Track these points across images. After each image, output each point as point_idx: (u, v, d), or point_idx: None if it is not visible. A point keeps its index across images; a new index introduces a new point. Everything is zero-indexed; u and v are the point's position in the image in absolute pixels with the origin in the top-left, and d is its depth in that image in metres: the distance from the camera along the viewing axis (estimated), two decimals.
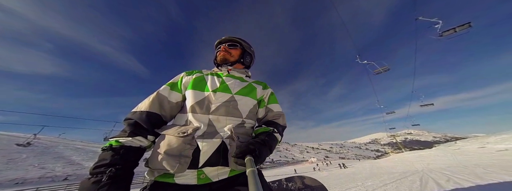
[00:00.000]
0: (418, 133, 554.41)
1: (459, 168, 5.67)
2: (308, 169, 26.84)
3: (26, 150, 32.29)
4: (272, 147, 0.64)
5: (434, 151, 18.27)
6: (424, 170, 7.82)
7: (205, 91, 0.73)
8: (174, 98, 0.75)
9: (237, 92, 0.76)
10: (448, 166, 8.31)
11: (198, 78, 0.79)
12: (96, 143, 54.12)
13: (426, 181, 3.19)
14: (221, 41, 0.94)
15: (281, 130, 0.77)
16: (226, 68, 0.89)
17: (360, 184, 3.98)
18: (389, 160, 20.03)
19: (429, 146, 63.40)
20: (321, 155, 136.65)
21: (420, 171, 6.81)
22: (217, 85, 0.76)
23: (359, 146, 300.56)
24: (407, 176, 4.75)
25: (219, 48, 0.92)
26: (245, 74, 0.94)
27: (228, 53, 0.89)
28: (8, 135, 42.95)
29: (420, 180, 3.57)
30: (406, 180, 3.84)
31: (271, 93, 0.91)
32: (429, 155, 16.06)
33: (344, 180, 6.77)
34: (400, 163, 15.16)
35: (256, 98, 0.81)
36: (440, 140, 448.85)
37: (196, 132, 0.62)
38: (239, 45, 0.94)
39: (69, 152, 39.05)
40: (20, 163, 27.57)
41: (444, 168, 7.02)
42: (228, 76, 0.83)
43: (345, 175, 11.20)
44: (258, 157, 0.52)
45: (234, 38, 0.94)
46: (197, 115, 0.68)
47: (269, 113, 0.83)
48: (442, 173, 4.61)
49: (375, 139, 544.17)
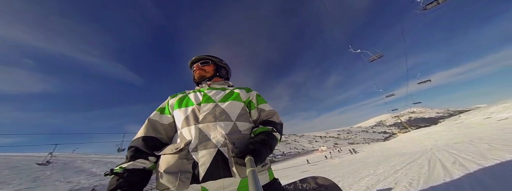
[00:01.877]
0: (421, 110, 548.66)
1: (464, 145, 5.86)
2: (320, 158, 27.40)
3: (47, 168, 33.77)
4: (272, 146, 0.63)
5: (439, 127, 18.43)
6: (433, 148, 8.07)
7: (190, 106, 0.76)
8: (166, 120, 0.78)
9: (220, 100, 0.79)
10: (455, 142, 8.50)
11: (182, 98, 0.83)
12: (110, 155, 56.15)
13: (434, 165, 3.30)
14: (193, 61, 1.01)
15: (279, 128, 0.77)
16: (205, 84, 0.94)
17: (372, 172, 4.13)
18: (398, 141, 20.34)
19: (434, 122, 63.38)
20: (330, 143, 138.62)
21: (429, 151, 7.04)
22: (200, 99, 0.79)
23: (366, 130, 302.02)
24: (416, 159, 4.85)
25: (194, 68, 1.00)
26: (226, 85, 0.99)
27: (203, 71, 0.96)
28: (24, 156, 44.97)
29: (428, 163, 3.70)
30: (415, 164, 3.95)
31: (257, 94, 0.92)
32: (436, 131, 16.27)
33: (356, 167, 7.02)
34: (409, 143, 15.45)
35: (242, 100, 0.82)
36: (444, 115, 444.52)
37: (189, 145, 0.62)
38: (210, 62, 1.00)
39: (88, 165, 40.79)
40: (46, 180, 29.12)
41: (451, 145, 7.23)
42: (209, 89, 0.87)
43: (357, 160, 11.55)
44: (258, 157, 0.52)
45: (204, 56, 1.01)
46: (187, 128, 0.69)
47: (262, 112, 0.84)
48: (449, 153, 4.77)
49: (380, 121, 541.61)
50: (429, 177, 2.39)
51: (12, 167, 33.42)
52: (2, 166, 34.05)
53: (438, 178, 2.21)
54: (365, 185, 2.74)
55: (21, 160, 40.33)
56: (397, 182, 2.45)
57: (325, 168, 11.56)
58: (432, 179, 2.25)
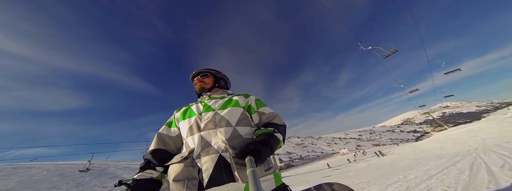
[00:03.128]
0: (456, 105, 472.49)
1: None
2: (342, 162, 25.26)
3: (87, 174, 38.20)
4: (273, 146, 0.63)
5: (485, 123, 15.64)
6: (478, 149, 6.86)
7: (192, 117, 0.81)
8: (173, 132, 0.85)
9: (220, 107, 0.83)
10: (507, 140, 7.16)
11: (185, 110, 0.89)
12: (137, 161, 60.87)
13: (478, 169, 2.78)
14: (193, 75, 1.09)
15: (282, 129, 0.77)
16: (206, 95, 1.00)
17: (402, 178, 3.65)
18: (433, 140, 17.89)
19: (477, 117, 53.85)
20: (351, 144, 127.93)
21: (473, 152, 6.03)
22: (201, 109, 0.84)
23: (392, 129, 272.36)
24: (456, 163, 4.11)
25: (194, 81, 1.08)
26: (226, 93, 1.05)
27: (203, 83, 1.04)
28: (69, 164, 51.80)
29: (470, 167, 3.13)
30: (454, 168, 3.36)
31: (256, 99, 0.95)
32: (481, 128, 13.90)
33: (384, 172, 6.29)
34: (448, 143, 13.33)
35: (241, 106, 0.84)
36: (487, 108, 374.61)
37: (192, 152, 0.65)
38: (209, 74, 1.08)
39: (120, 171, 44.74)
40: (86, 185, 32.82)
41: (502, 145, 6.08)
42: (209, 99, 0.92)
43: (386, 164, 10.35)
44: (259, 157, 0.53)
45: (203, 69, 1.10)
46: (191, 137, 0.73)
47: (262, 116, 0.86)
48: (498, 154, 4.01)
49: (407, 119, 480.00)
50: (469, 183, 2.05)
51: (60, 174, 38.77)
52: (53, 173, 39.93)
53: (480, 185, 1.90)
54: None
55: (66, 167, 46.69)
56: (430, 190, 2.18)
57: (349, 172, 10.66)
58: (472, 186, 1.95)
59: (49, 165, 55.69)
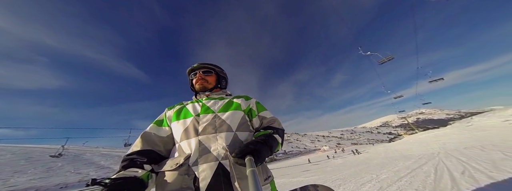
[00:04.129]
0: (430, 111, 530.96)
1: (475, 151, 5.55)
2: (322, 158, 27.26)
3: (59, 159, 35.79)
4: (273, 147, 0.62)
5: (449, 129, 17.64)
6: (440, 153, 7.71)
7: (188, 118, 0.74)
8: (163, 132, 0.75)
9: (220, 110, 0.77)
10: (465, 146, 8.09)
11: (179, 109, 0.81)
12: (118, 148, 58.54)
13: (441, 174, 3.07)
14: (193, 68, 0.95)
15: (281, 133, 0.76)
16: (204, 94, 0.91)
17: (375, 177, 3.95)
18: (404, 142, 19.78)
19: (444, 124, 61.05)
20: (332, 142, 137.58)
21: (436, 155, 6.75)
22: (198, 110, 0.77)
23: (371, 130, 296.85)
24: (422, 165, 4.59)
25: (194, 76, 0.94)
26: (224, 94, 0.96)
27: (205, 81, 0.92)
28: (39, 147, 47.83)
29: (435, 171, 3.45)
30: (421, 171, 3.69)
31: (257, 102, 0.92)
32: (445, 134, 15.64)
33: (358, 169, 6.85)
34: (415, 145, 14.93)
35: (242, 109, 0.80)
36: (455, 117, 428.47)
37: (189, 159, 0.59)
38: (213, 71, 0.97)
39: (97, 158, 42.74)
40: (58, 170, 30.90)
41: (461, 150, 6.86)
42: (208, 99, 0.85)
43: (360, 162, 11.34)
44: (259, 157, 0.51)
45: (207, 65, 0.95)
46: (186, 141, 0.66)
47: (263, 120, 0.84)
48: (458, 159, 4.50)
49: (386, 121, 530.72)
50: (435, 188, 2.22)
51: (28, 157, 35.77)
52: (19, 156, 36.56)
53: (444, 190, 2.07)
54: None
55: (35, 151, 43.00)
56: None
57: (326, 168, 11.46)
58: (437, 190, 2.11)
59: (14, 147, 50.95)
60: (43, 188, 23.05)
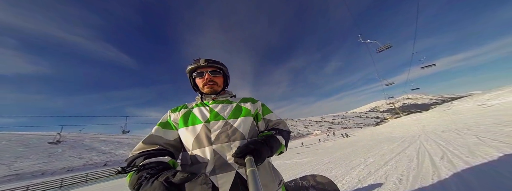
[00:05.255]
0: (416, 97, 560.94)
1: (452, 135, 6.12)
2: (314, 141, 29.52)
3: (58, 146, 36.29)
4: (273, 147, 0.62)
5: (430, 113, 19.13)
6: (421, 135, 8.49)
7: (197, 124, 0.70)
8: (171, 136, 0.72)
9: (229, 116, 0.74)
10: (442, 130, 8.91)
11: (186, 114, 0.76)
12: (116, 135, 59.69)
13: (423, 158, 3.36)
14: (198, 66, 0.83)
15: (286, 134, 0.76)
16: (210, 97, 0.85)
17: (363, 161, 4.20)
18: (388, 126, 21.48)
19: (426, 108, 65.88)
20: (324, 127, 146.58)
21: (417, 139, 7.42)
22: (207, 115, 0.74)
23: (360, 115, 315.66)
24: (405, 149, 5.00)
25: (200, 76, 0.83)
26: (229, 96, 0.91)
27: (215, 84, 0.85)
28: (34, 134, 47.70)
29: (417, 155, 3.79)
30: (404, 155, 4.03)
31: (262, 104, 0.91)
32: (425, 117, 17.03)
33: (347, 152, 7.50)
34: (398, 128, 16.37)
35: (251, 114, 0.79)
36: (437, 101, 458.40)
37: (206, 168, 0.59)
38: (221, 72, 0.88)
39: (97, 143, 43.71)
40: (60, 155, 31.77)
41: (439, 133, 7.57)
42: (214, 103, 0.81)
43: (348, 144, 12.44)
44: (259, 157, 0.52)
45: (215, 64, 0.85)
46: (200, 149, 0.65)
47: (269, 123, 0.84)
48: (437, 144, 4.96)
49: (375, 107, 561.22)
50: (418, 173, 2.50)
51: (25, 144, 36.02)
52: (15, 143, 36.64)
53: (426, 176, 2.32)
54: (357, 176, 2.91)
55: (32, 138, 43.01)
56: (387, 177, 2.60)
57: (318, 150, 12.56)
58: (421, 176, 2.37)
59: (8, 134, 50.21)
60: (49, 171, 24.07)
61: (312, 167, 5.16)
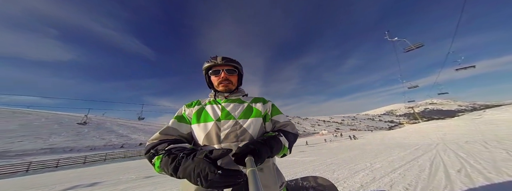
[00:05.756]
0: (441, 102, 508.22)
1: (477, 147, 5.44)
2: (319, 141, 28.89)
3: (84, 126, 40.85)
4: (274, 147, 0.62)
5: (455, 121, 17.22)
6: (439, 144, 7.72)
7: (209, 122, 0.73)
8: (185, 129, 0.75)
9: (240, 116, 0.76)
10: (466, 140, 8.01)
11: (199, 111, 0.80)
12: (132, 120, 64.91)
13: (436, 169, 2.97)
14: (215, 64, 0.84)
15: (291, 136, 0.76)
16: (222, 95, 0.87)
17: (368, 166, 3.94)
18: (403, 131, 20.06)
19: (452, 116, 59.42)
20: (332, 127, 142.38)
21: (434, 148, 6.77)
22: (218, 114, 0.76)
23: (373, 118, 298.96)
24: (417, 157, 4.48)
25: (216, 74, 0.85)
26: (241, 94, 0.91)
27: (230, 82, 0.86)
28: (66, 115, 54.17)
29: (430, 165, 3.35)
30: (416, 164, 3.60)
31: (272, 105, 0.91)
32: (449, 125, 15.45)
33: (352, 155, 7.12)
34: (414, 134, 15.05)
35: (261, 115, 0.80)
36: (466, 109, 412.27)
37: None
38: (237, 70, 0.89)
39: (116, 127, 48.14)
40: (86, 135, 35.82)
41: (461, 144, 6.78)
42: (227, 102, 0.83)
43: (355, 146, 11.84)
44: (258, 157, 0.53)
45: (232, 63, 0.86)
46: (209, 147, 0.68)
47: (276, 124, 0.83)
48: (456, 155, 4.43)
49: (391, 110, 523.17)
50: (428, 185, 2.23)
51: (59, 122, 41.38)
52: (51, 121, 42.34)
53: (437, 189, 2.06)
54: (360, 181, 2.73)
55: (64, 118, 49.12)
56: (392, 185, 2.38)
57: (322, 150, 12.26)
58: (430, 188, 2.11)
59: (46, 113, 57.60)
60: (76, 148, 27.47)
61: (314, 167, 5.04)
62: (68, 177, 8.30)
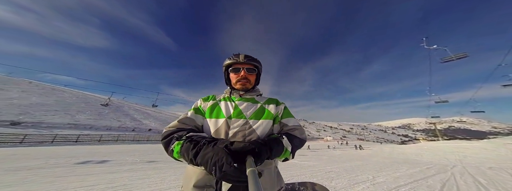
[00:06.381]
0: (472, 121, 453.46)
1: (503, 174, 4.74)
2: (322, 146, 27.94)
3: (106, 108, 45.09)
4: (274, 149, 0.61)
5: (482, 143, 15.20)
6: (456, 166, 6.92)
7: (220, 118, 0.75)
8: (200, 121, 0.78)
9: (251, 116, 0.77)
10: (490, 166, 7.09)
11: (213, 106, 0.81)
12: (146, 107, 69.66)
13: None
14: (237, 62, 0.84)
15: (297, 141, 0.74)
16: (237, 93, 0.87)
17: (370, 178, 3.69)
18: (416, 147, 18.49)
19: (480, 137, 52.44)
20: (338, 134, 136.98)
21: (449, 169, 6.12)
22: (231, 111, 0.77)
23: (385, 130, 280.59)
24: (427, 177, 4.01)
25: (236, 72, 0.85)
26: (255, 94, 0.91)
27: (248, 81, 0.86)
28: (92, 96, 60.18)
29: (441, 188, 2.96)
30: (425, 184, 3.21)
31: (284, 107, 0.89)
32: (473, 147, 13.83)
33: (355, 165, 6.73)
34: (428, 152, 13.71)
35: (272, 117, 0.81)
36: (501, 131, 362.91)
37: None
38: (256, 70, 0.88)
39: (132, 111, 52.07)
40: (105, 116, 39.47)
41: (483, 170, 6.00)
42: (240, 100, 0.84)
43: (359, 157, 11.26)
44: (258, 157, 0.53)
45: (253, 62, 0.85)
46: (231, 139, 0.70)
47: (284, 127, 0.82)
48: (475, 180, 3.86)
49: (408, 123, 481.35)
50: None
51: (86, 102, 46.42)
52: (80, 100, 47.70)
53: None
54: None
55: (91, 98, 54.87)
56: None
57: (323, 156, 11.84)
58: None
59: (78, 92, 65.04)
60: (95, 126, 30.51)
61: (312, 172, 4.90)
62: (83, 152, 9.27)
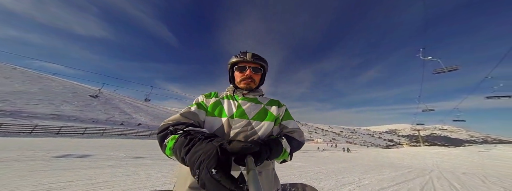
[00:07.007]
0: (452, 129, 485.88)
1: (474, 180, 5.16)
2: (312, 148, 28.64)
3: (94, 99, 42.91)
4: (273, 149, 0.61)
5: (459, 150, 16.47)
6: (433, 171, 7.41)
7: (222, 117, 0.74)
8: (202, 116, 0.76)
9: (254, 117, 0.76)
10: (464, 171, 7.69)
11: (215, 104, 0.80)
12: (138, 101, 67.09)
13: None
14: (243, 60, 0.81)
15: (295, 143, 0.73)
16: (241, 92, 0.85)
17: (356, 180, 3.90)
18: (400, 152, 19.53)
19: (458, 145, 56.56)
20: (328, 137, 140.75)
21: (428, 173, 6.54)
22: (233, 111, 0.76)
23: (373, 134, 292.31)
24: (408, 180, 4.34)
25: (241, 70, 0.82)
26: (258, 94, 0.90)
27: (252, 81, 0.83)
28: (82, 86, 56.95)
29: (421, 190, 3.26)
30: (406, 187, 3.49)
31: (285, 110, 0.89)
32: (449, 153, 14.89)
33: (342, 167, 6.92)
34: (410, 156, 14.53)
35: (274, 119, 0.80)
36: (476, 140, 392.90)
37: None
38: (262, 69, 0.86)
39: (122, 104, 49.99)
40: (92, 108, 37.54)
41: (458, 175, 6.47)
42: (243, 100, 0.83)
43: (346, 159, 11.73)
44: (258, 157, 0.52)
45: (260, 62, 0.83)
46: None
47: (283, 129, 0.82)
48: (450, 185, 4.08)
49: (395, 129, 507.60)
50: None
51: (74, 92, 43.74)
52: (68, 89, 44.86)
53: None
54: None
55: (80, 89, 51.77)
56: None
57: (312, 157, 12.16)
58: None
59: (66, 82, 61.21)
60: (80, 118, 28.92)
61: (301, 173, 5.04)
62: (64, 145, 8.65)
